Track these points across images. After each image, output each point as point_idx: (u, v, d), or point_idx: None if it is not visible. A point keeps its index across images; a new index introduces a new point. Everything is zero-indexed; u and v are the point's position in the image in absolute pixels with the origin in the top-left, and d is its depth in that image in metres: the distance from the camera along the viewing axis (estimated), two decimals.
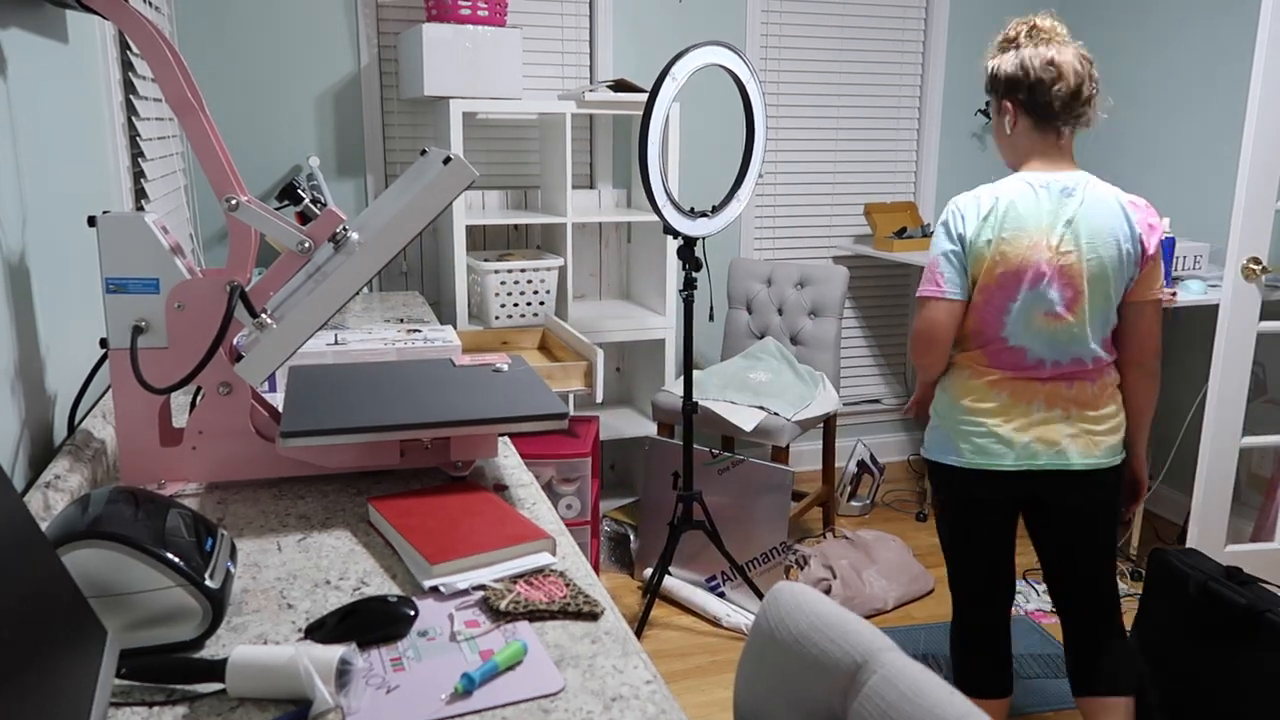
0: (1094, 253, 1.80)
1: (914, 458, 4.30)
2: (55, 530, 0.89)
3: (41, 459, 1.28)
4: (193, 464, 1.29)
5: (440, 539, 1.09)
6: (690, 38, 3.62)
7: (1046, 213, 1.81)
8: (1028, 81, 1.83)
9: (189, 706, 0.83)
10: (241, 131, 3.20)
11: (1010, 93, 1.86)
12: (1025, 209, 1.81)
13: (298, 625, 0.97)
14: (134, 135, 2.11)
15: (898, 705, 0.89)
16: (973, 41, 3.99)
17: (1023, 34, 1.87)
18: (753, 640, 1.09)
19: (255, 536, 1.17)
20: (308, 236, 1.26)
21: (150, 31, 1.21)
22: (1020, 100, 1.85)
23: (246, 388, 1.29)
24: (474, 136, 3.46)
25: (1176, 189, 3.59)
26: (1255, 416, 2.98)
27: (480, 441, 1.33)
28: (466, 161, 1.24)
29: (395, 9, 3.29)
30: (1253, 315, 2.70)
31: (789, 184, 3.90)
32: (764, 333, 3.51)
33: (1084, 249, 1.80)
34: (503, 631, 0.96)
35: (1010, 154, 1.93)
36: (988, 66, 1.92)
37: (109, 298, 1.23)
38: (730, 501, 2.93)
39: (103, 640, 0.78)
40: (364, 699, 0.84)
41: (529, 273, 3.13)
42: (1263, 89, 2.54)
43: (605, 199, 3.61)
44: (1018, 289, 1.81)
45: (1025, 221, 1.80)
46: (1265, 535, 3.00)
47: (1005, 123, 1.89)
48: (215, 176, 1.24)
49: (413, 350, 1.80)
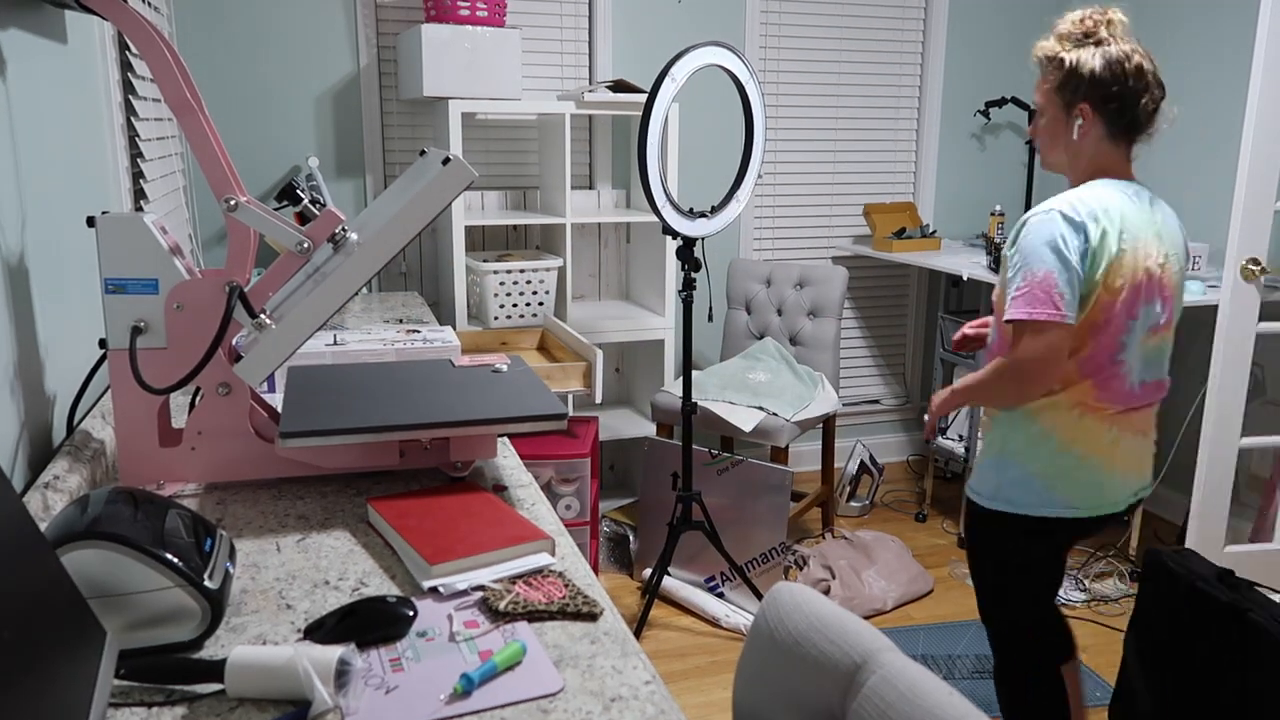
0: (1178, 263, 1.72)
1: (914, 458, 4.30)
2: (54, 531, 0.89)
3: (41, 459, 1.27)
4: (192, 464, 1.29)
5: (439, 539, 1.09)
6: (690, 38, 3.62)
7: (1146, 222, 1.68)
8: (1120, 88, 1.65)
9: (188, 707, 0.83)
10: (241, 132, 3.20)
11: (1094, 95, 1.67)
12: (1136, 219, 1.66)
13: (297, 626, 0.97)
14: (133, 136, 2.10)
15: (897, 705, 0.89)
16: (972, 41, 3.99)
17: (1103, 28, 1.68)
18: (752, 641, 1.09)
19: (254, 537, 1.17)
20: (307, 237, 1.26)
21: (149, 32, 1.21)
22: (1107, 106, 1.67)
23: (245, 388, 1.29)
24: (473, 137, 3.46)
25: (1176, 189, 3.60)
26: (1254, 417, 2.98)
27: (479, 442, 1.33)
28: (466, 162, 1.24)
29: (394, 10, 3.29)
30: (1252, 316, 2.70)
31: (788, 184, 3.90)
32: (763, 333, 3.51)
33: (1171, 259, 1.70)
34: (502, 632, 0.96)
35: (1072, 162, 1.74)
36: (1065, 59, 1.69)
37: (108, 298, 1.23)
38: (729, 502, 2.93)
39: (102, 641, 0.78)
40: (363, 699, 0.84)
41: (528, 273, 3.13)
42: (1262, 89, 2.54)
43: (604, 199, 3.61)
44: (1138, 305, 1.66)
45: (1139, 232, 1.65)
46: (1264, 536, 3.00)
47: (1075, 127, 1.70)
48: (214, 177, 1.24)
49: (412, 351, 1.80)
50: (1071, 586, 3.13)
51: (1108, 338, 1.66)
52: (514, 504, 1.30)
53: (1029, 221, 1.67)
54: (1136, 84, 1.65)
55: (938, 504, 3.78)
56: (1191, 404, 3.43)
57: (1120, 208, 1.65)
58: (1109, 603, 3.04)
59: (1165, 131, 3.57)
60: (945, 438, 3.51)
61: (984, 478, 1.81)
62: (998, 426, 1.80)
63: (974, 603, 3.02)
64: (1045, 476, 1.73)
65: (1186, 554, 2.13)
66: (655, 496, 3.07)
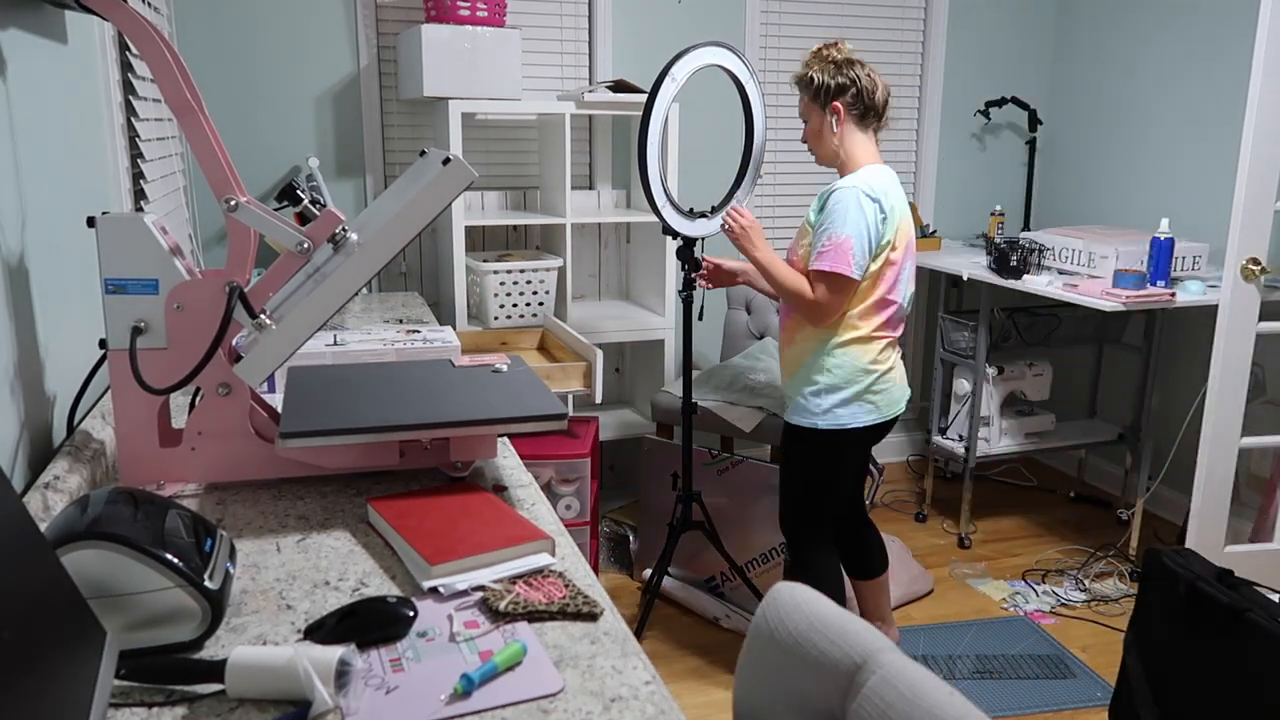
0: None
1: (914, 458, 4.30)
2: (54, 531, 0.89)
3: (41, 460, 1.28)
4: (192, 465, 1.29)
5: (439, 540, 1.09)
6: (690, 38, 3.62)
7: (903, 197, 2.29)
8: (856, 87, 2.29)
9: (188, 707, 0.83)
10: (241, 132, 3.20)
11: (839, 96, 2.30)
12: (900, 195, 2.28)
13: (297, 626, 0.97)
14: (133, 136, 2.10)
15: (897, 705, 0.89)
16: (972, 41, 3.99)
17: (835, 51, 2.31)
18: (752, 641, 1.09)
19: (254, 537, 1.17)
20: (307, 237, 1.26)
21: (149, 32, 1.21)
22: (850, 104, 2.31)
23: (246, 388, 1.29)
24: (473, 137, 3.46)
25: (1176, 189, 3.60)
26: (1254, 417, 2.98)
27: (479, 442, 1.33)
28: (466, 162, 1.24)
29: (394, 10, 3.29)
30: (1252, 316, 2.70)
31: (788, 184, 3.90)
32: (763, 333, 3.51)
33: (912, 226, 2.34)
34: (502, 632, 0.96)
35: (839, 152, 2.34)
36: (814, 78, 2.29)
37: (108, 298, 1.23)
38: (729, 502, 2.93)
39: (102, 641, 0.78)
40: (363, 700, 0.84)
41: (528, 273, 3.13)
42: (1262, 88, 2.54)
43: (604, 199, 3.61)
44: (908, 259, 2.27)
45: (903, 204, 2.26)
46: (1264, 536, 3.00)
47: (831, 123, 2.32)
48: (214, 177, 1.24)
49: (412, 351, 1.80)
50: (1071, 586, 3.13)
51: (891, 283, 2.23)
52: (514, 504, 1.30)
53: (832, 195, 2.19)
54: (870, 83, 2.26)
55: (937, 504, 3.78)
56: (1191, 404, 3.42)
57: (896, 187, 2.25)
58: (1109, 603, 3.04)
59: (1166, 131, 3.58)
60: (945, 437, 3.51)
61: (799, 405, 2.32)
62: (807, 364, 2.30)
63: (974, 603, 3.02)
64: (851, 391, 2.26)
65: (1186, 554, 2.14)
66: (655, 496, 3.07)
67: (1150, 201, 3.70)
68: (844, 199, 2.16)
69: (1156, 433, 3.51)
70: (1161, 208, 3.64)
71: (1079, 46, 4.00)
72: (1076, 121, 4.02)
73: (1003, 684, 2.60)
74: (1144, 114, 3.70)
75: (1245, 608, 1.91)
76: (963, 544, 3.43)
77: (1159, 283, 3.01)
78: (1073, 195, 4.06)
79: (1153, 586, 2.17)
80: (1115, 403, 3.88)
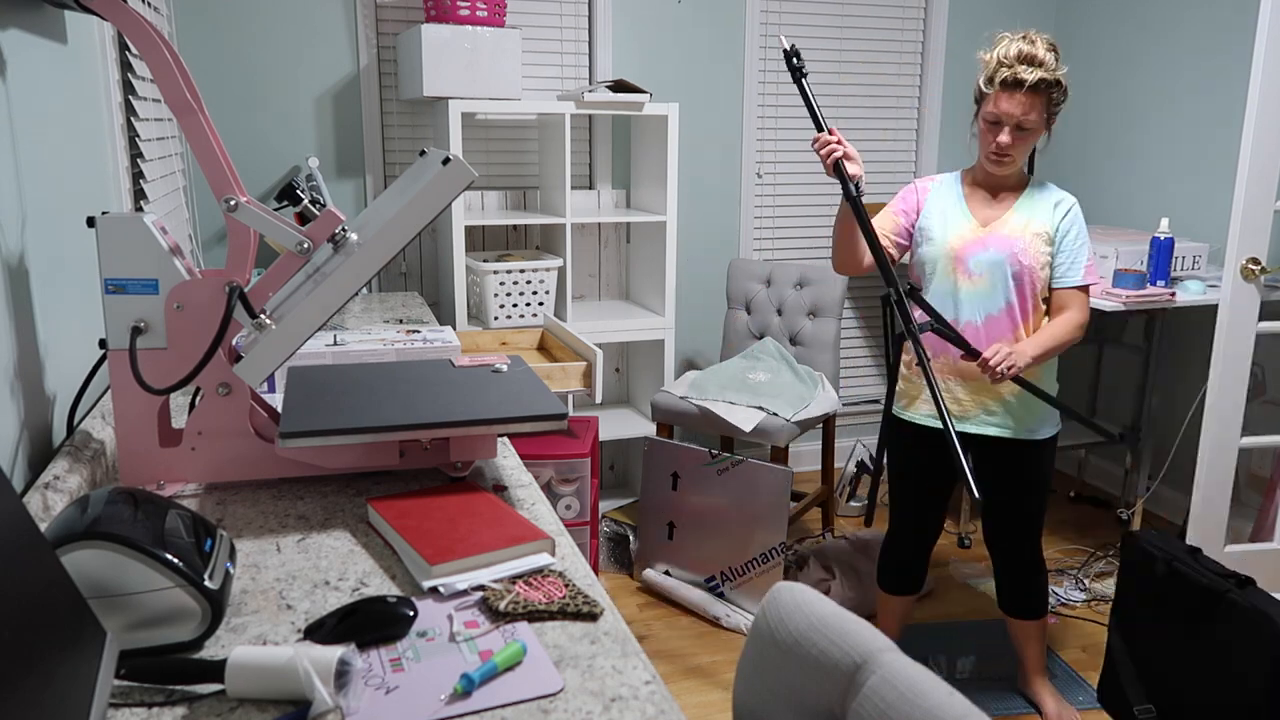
0: None
1: None
2: (54, 531, 0.89)
3: (41, 460, 1.28)
4: (192, 465, 1.29)
5: (439, 540, 1.09)
6: (690, 38, 3.62)
7: None
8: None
9: (188, 707, 0.83)
10: (241, 132, 3.20)
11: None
12: None
13: (297, 626, 0.97)
14: (133, 136, 2.10)
15: (897, 706, 0.89)
16: (972, 40, 3.99)
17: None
18: (752, 641, 1.09)
19: (254, 537, 1.17)
20: (307, 237, 1.26)
21: (149, 32, 1.21)
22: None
23: (246, 388, 1.29)
24: (473, 137, 3.46)
25: (1175, 189, 3.59)
26: (1254, 417, 2.98)
27: (479, 442, 1.33)
28: (465, 162, 1.24)
29: (394, 9, 3.29)
30: (1252, 315, 2.70)
31: (788, 184, 3.90)
32: (763, 333, 3.51)
33: None
34: (502, 632, 0.96)
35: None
36: (1064, 82, 2.20)
37: (108, 298, 1.23)
38: (729, 502, 2.93)
39: (102, 641, 0.78)
40: (363, 699, 0.84)
41: (528, 273, 3.13)
42: (1262, 88, 2.54)
43: (604, 199, 3.61)
44: None
45: None
46: (1265, 535, 3.00)
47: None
48: (214, 177, 1.24)
49: (412, 351, 1.80)
50: (1072, 586, 3.13)
51: None
52: (514, 504, 1.30)
53: (1075, 207, 2.19)
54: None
55: None
56: (1191, 404, 3.43)
57: None
58: (1109, 602, 3.04)
59: (1166, 131, 3.57)
60: None
61: (1047, 417, 2.25)
62: (1044, 373, 2.24)
63: (974, 603, 3.02)
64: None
65: (1160, 535, 2.26)
66: (655, 496, 3.07)
67: (1150, 201, 3.70)
68: (1078, 208, 2.21)
69: (1157, 433, 3.51)
70: (1161, 208, 3.64)
71: (1079, 46, 4.00)
72: (1076, 121, 4.02)
73: (1003, 684, 2.60)
74: (1144, 114, 3.70)
75: (1224, 589, 2.03)
76: (963, 544, 3.43)
77: (1159, 282, 3.01)
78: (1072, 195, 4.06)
79: (1133, 568, 2.27)
80: (1115, 403, 3.88)
